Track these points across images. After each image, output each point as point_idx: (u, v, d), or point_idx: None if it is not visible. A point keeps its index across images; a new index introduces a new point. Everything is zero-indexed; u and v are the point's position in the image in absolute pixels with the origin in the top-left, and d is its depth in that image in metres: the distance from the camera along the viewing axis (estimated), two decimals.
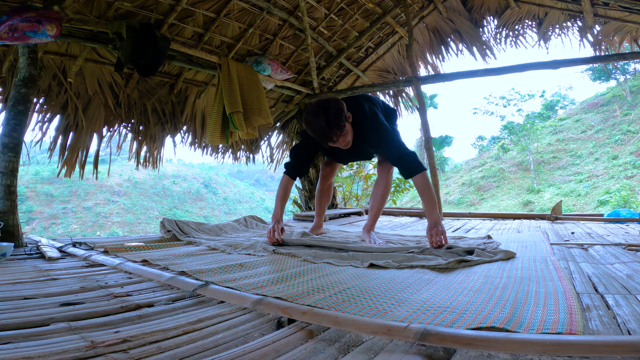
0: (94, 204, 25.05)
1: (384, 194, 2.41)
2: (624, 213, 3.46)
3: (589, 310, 0.97)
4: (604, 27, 4.15)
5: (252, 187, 39.55)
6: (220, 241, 2.19)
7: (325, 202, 2.66)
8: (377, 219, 2.43)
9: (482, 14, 4.77)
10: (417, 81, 4.42)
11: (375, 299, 1.07)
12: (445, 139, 24.95)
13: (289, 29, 4.26)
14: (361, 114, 2.09)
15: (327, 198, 2.66)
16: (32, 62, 2.18)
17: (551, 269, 1.41)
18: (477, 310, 0.95)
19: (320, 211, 2.68)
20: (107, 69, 3.25)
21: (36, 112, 2.90)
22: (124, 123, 3.51)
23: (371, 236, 2.28)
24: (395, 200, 7.45)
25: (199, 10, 3.39)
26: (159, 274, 1.34)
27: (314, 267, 1.54)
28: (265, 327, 0.91)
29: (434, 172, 4.30)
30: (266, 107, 3.92)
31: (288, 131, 5.52)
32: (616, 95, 22.55)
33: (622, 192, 14.03)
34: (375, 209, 2.42)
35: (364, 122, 2.07)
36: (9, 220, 2.03)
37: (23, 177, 23.23)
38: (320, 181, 2.60)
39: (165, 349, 0.75)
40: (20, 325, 0.85)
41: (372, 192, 2.48)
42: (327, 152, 2.37)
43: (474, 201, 19.66)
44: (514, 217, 4.10)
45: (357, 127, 2.07)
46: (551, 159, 20.62)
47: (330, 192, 2.68)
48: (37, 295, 1.11)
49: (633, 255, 1.69)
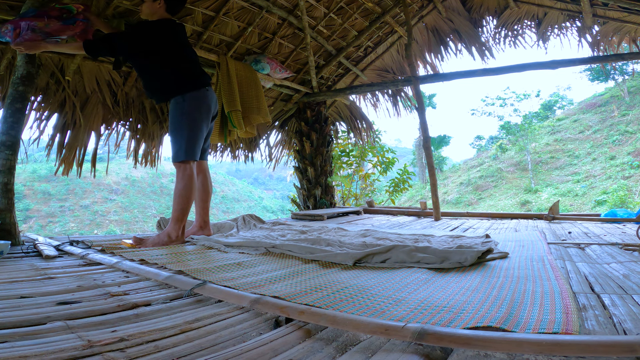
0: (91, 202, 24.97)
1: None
2: (621, 213, 3.48)
3: (585, 310, 0.98)
4: (602, 28, 4.16)
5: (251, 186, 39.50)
6: (218, 240, 2.18)
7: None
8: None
9: (482, 14, 4.78)
10: (415, 81, 4.43)
11: (372, 299, 1.07)
12: (444, 138, 24.98)
13: (288, 27, 4.25)
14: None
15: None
16: (29, 60, 2.17)
17: (548, 269, 1.42)
18: (474, 309, 0.95)
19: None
20: (105, 67, 3.23)
21: (34, 110, 2.89)
22: (122, 121, 3.50)
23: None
24: (393, 200, 7.46)
25: (198, 9, 3.38)
26: (156, 273, 1.34)
27: (312, 267, 1.54)
28: (262, 326, 0.91)
29: (432, 172, 4.31)
30: (265, 105, 3.92)
31: (287, 130, 5.52)
32: (614, 96, 22.61)
33: (620, 193, 14.08)
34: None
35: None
36: (6, 218, 2.03)
37: (20, 175, 23.13)
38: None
39: (162, 348, 0.75)
40: (16, 324, 0.85)
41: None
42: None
43: (472, 201, 19.70)
44: (511, 216, 4.11)
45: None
46: (549, 159, 20.68)
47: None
48: (34, 294, 1.11)
49: (630, 255, 1.70)
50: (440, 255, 1.57)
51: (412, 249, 1.63)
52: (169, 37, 2.17)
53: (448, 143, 25.23)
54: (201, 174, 2.43)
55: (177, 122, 2.18)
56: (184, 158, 2.16)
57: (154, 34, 2.14)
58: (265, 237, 2.33)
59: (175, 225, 2.14)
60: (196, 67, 2.28)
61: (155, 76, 2.21)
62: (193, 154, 2.18)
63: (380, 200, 8.17)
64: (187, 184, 2.15)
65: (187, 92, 2.17)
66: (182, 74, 2.20)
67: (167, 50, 2.17)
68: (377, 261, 1.59)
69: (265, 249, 1.90)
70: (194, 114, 2.18)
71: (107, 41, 2.12)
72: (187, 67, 2.23)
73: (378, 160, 7.24)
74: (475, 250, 1.57)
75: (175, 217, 2.14)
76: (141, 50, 2.15)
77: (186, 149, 2.16)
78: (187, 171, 2.16)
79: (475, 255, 1.53)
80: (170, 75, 2.18)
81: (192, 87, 2.19)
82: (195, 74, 2.24)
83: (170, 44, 2.17)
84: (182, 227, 2.16)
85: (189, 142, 2.16)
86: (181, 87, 2.17)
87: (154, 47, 2.15)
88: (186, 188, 2.15)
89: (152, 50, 2.15)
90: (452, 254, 1.55)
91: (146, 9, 2.24)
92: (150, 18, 2.23)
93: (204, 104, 2.22)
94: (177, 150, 2.19)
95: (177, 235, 2.14)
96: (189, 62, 2.25)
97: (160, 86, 2.23)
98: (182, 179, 2.16)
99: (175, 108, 2.20)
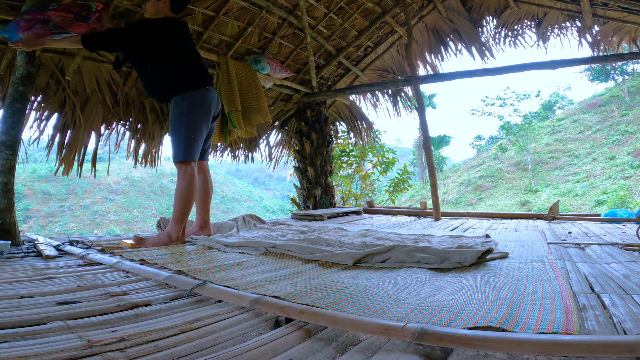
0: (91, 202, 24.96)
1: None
2: (621, 213, 3.48)
3: (585, 310, 0.98)
4: (602, 28, 4.16)
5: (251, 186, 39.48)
6: (218, 240, 2.18)
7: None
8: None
9: (482, 14, 4.78)
10: (415, 81, 4.43)
11: (372, 299, 1.07)
12: (444, 138, 24.98)
13: (288, 27, 4.25)
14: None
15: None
16: (30, 60, 2.17)
17: (548, 269, 1.42)
18: (474, 309, 0.95)
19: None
20: (105, 67, 3.23)
21: (34, 110, 2.89)
22: (122, 121, 3.50)
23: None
24: (393, 200, 7.46)
25: (198, 9, 3.38)
26: (156, 273, 1.34)
27: (312, 267, 1.54)
28: (262, 326, 0.91)
29: (432, 172, 4.31)
30: (265, 105, 3.92)
31: (287, 130, 5.52)
32: (614, 96, 22.60)
33: (619, 193, 14.08)
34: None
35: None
36: (6, 218, 2.03)
37: (20, 175, 23.12)
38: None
39: (162, 348, 0.75)
40: (16, 324, 0.85)
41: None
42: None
43: (472, 201, 19.70)
44: (511, 216, 4.11)
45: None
46: (549, 159, 20.67)
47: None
48: (34, 294, 1.11)
49: (630, 255, 1.70)
50: (440, 255, 1.57)
51: (412, 249, 1.63)
52: (170, 36, 2.16)
53: (448, 143, 25.22)
54: (201, 173, 2.43)
55: (177, 122, 2.18)
56: (182, 158, 2.15)
57: (155, 33, 2.13)
58: (265, 237, 2.33)
59: (175, 226, 2.14)
60: (197, 66, 2.27)
61: (155, 75, 2.21)
62: (192, 154, 2.18)
63: (380, 200, 8.17)
64: (188, 185, 2.15)
65: (187, 92, 2.17)
66: (182, 74, 2.19)
67: (168, 49, 2.16)
68: (377, 261, 1.59)
69: (265, 249, 1.90)
70: (193, 114, 2.18)
71: (105, 35, 2.09)
72: (188, 66, 2.22)
73: (378, 160, 7.24)
74: (475, 250, 1.57)
75: (176, 217, 2.14)
76: (142, 48, 2.14)
77: (185, 149, 2.15)
78: (188, 171, 2.15)
79: (475, 255, 1.53)
80: (170, 74, 2.17)
81: (192, 86, 2.18)
82: (195, 73, 2.23)
83: (171, 43, 2.16)
84: (182, 227, 2.16)
85: (187, 142, 2.16)
86: (181, 87, 2.17)
87: (154, 46, 2.14)
88: (187, 188, 2.14)
89: (152, 49, 2.14)
90: (452, 254, 1.55)
91: (151, 7, 2.22)
92: (154, 17, 2.23)
93: (204, 104, 2.22)
94: (176, 150, 2.19)
95: (178, 235, 2.13)
96: (190, 61, 2.24)
97: (159, 85, 2.22)
98: (183, 179, 2.15)
99: (174, 108, 2.20)
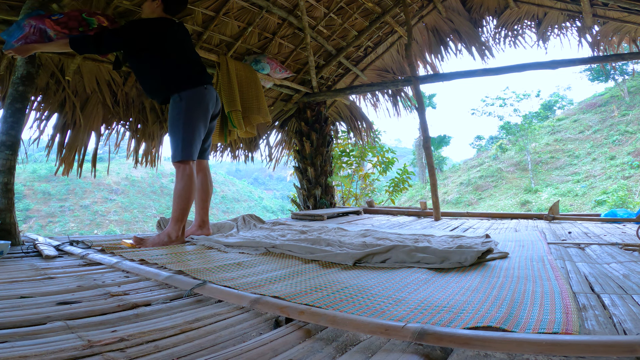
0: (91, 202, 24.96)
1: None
2: (621, 213, 3.48)
3: (585, 310, 0.98)
4: (602, 28, 4.16)
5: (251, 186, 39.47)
6: (218, 240, 2.18)
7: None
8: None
9: (482, 14, 4.78)
10: (415, 81, 4.42)
11: (372, 299, 1.07)
12: (444, 138, 24.98)
13: (288, 27, 4.25)
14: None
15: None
16: (30, 60, 2.17)
17: (548, 269, 1.42)
18: (474, 309, 0.95)
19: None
20: (105, 67, 3.23)
21: (34, 110, 2.89)
22: (122, 121, 3.50)
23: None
24: (393, 200, 7.46)
25: (198, 9, 3.38)
26: (156, 273, 1.34)
27: (312, 267, 1.54)
28: (262, 326, 0.91)
29: (432, 172, 4.31)
30: (265, 105, 3.92)
31: (287, 130, 5.52)
32: (614, 96, 22.60)
33: (620, 193, 14.08)
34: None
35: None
36: (6, 218, 2.03)
37: (20, 175, 23.12)
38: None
39: (162, 348, 0.75)
40: (16, 324, 0.85)
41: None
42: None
43: (472, 201, 19.70)
44: (511, 216, 4.11)
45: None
46: (549, 159, 20.67)
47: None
48: (34, 294, 1.11)
49: (630, 255, 1.70)
50: (440, 255, 1.57)
51: (412, 249, 1.63)
52: (163, 36, 2.16)
53: (448, 143, 25.22)
54: (201, 173, 2.42)
55: (174, 122, 2.18)
56: (180, 158, 2.15)
57: (147, 32, 2.12)
58: (265, 237, 2.33)
59: (175, 226, 2.14)
60: (195, 65, 2.26)
61: (150, 75, 2.21)
62: (190, 153, 2.17)
63: (380, 200, 8.17)
64: (187, 184, 2.15)
65: (184, 91, 2.16)
66: (178, 72, 2.18)
67: (162, 48, 2.15)
68: (377, 261, 1.59)
69: (265, 249, 1.90)
70: (191, 113, 2.17)
71: (93, 36, 2.09)
72: (185, 65, 2.21)
73: (378, 160, 7.24)
74: (475, 250, 1.57)
75: (175, 217, 2.14)
76: (135, 47, 2.14)
77: (182, 148, 2.15)
78: (186, 171, 2.15)
79: (475, 255, 1.53)
80: (165, 73, 2.17)
81: (189, 85, 2.18)
82: (193, 72, 2.23)
83: (166, 43, 2.16)
84: (182, 227, 2.16)
85: (185, 142, 2.15)
86: (177, 86, 2.16)
87: (147, 45, 2.14)
88: (185, 188, 2.14)
89: (145, 48, 2.14)
90: (452, 254, 1.55)
91: (146, 8, 2.25)
92: (149, 17, 2.24)
93: (202, 102, 2.21)
94: (174, 150, 2.18)
95: (177, 235, 2.13)
96: (187, 60, 2.23)
97: (156, 84, 2.22)
98: (181, 179, 2.15)
99: (172, 107, 2.19)
